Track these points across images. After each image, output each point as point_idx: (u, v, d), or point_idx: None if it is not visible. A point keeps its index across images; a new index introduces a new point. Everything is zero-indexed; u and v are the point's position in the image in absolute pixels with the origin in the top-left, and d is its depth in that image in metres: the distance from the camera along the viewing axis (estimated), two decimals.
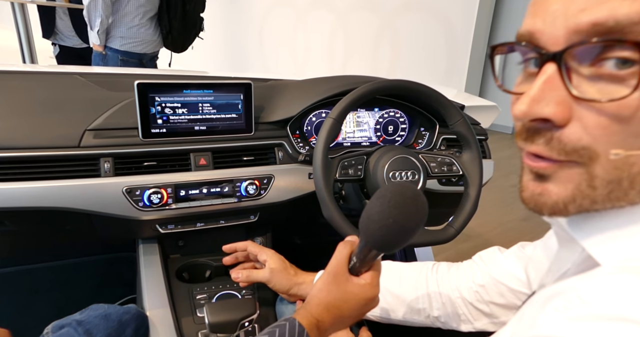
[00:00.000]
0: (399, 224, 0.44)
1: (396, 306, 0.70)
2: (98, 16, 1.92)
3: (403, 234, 0.46)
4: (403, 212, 0.44)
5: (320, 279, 0.53)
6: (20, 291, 1.03)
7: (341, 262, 0.53)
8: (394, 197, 0.44)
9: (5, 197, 0.69)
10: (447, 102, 0.82)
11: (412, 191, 0.45)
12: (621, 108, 0.28)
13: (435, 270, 0.72)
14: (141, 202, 0.77)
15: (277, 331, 0.47)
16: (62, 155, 0.74)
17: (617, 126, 0.29)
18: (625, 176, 0.30)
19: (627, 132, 0.29)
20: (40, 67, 1.04)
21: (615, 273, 0.30)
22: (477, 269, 0.68)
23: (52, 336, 0.62)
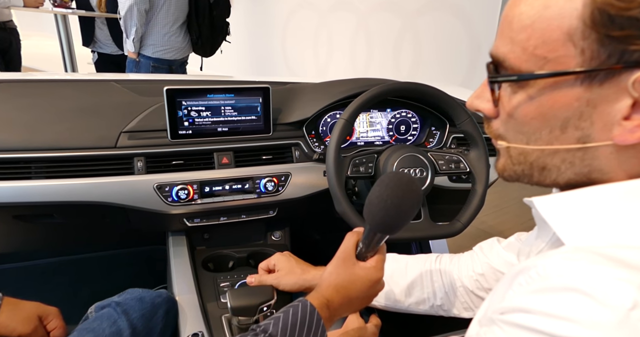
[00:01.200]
0: (396, 205, 0.49)
1: (402, 295, 0.74)
2: (133, 25, 2.04)
3: (400, 214, 0.50)
4: (399, 195, 0.49)
5: (330, 264, 0.59)
6: (66, 279, 1.14)
7: (348, 249, 0.58)
8: (391, 182, 0.50)
9: (54, 192, 0.78)
10: (454, 103, 0.85)
11: (407, 177, 0.51)
12: (504, 111, 0.40)
13: (438, 261, 0.76)
14: (170, 198, 0.85)
15: (290, 310, 0.52)
16: (101, 155, 0.82)
17: (508, 124, 0.41)
18: (529, 161, 0.40)
19: (513, 129, 0.40)
20: (80, 75, 1.14)
21: (571, 251, 0.34)
22: (477, 259, 0.71)
23: (95, 314, 0.70)
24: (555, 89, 0.35)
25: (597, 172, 0.38)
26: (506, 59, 0.37)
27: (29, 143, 0.79)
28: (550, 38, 0.34)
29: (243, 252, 0.96)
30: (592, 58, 0.33)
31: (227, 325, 0.76)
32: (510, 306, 0.34)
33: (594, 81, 0.34)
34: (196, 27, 2.18)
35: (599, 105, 0.34)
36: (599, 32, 0.32)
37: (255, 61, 5.42)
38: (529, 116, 0.38)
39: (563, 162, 0.38)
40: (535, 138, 0.39)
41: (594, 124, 0.35)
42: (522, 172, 0.42)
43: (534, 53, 0.35)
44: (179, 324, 0.74)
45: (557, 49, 0.34)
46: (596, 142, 0.36)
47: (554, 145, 0.38)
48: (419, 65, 3.69)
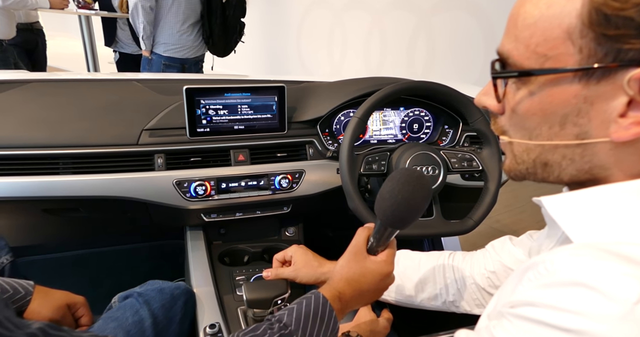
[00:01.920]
0: (407, 199, 0.51)
1: (414, 290, 0.76)
2: (140, 23, 2.09)
3: (411, 209, 0.52)
4: (410, 190, 0.51)
5: (341, 257, 0.60)
6: (90, 270, 1.19)
7: (360, 243, 0.59)
8: (402, 177, 0.51)
9: (80, 187, 0.82)
10: (467, 101, 0.86)
11: (418, 172, 0.52)
12: (509, 107, 0.42)
13: (451, 258, 0.77)
14: (188, 193, 0.88)
15: (304, 302, 0.54)
16: (123, 151, 0.86)
17: (512, 120, 0.42)
18: (532, 157, 0.41)
19: (517, 125, 0.42)
20: (104, 75, 1.18)
21: (577, 247, 0.35)
22: (489, 257, 0.72)
23: (118, 304, 0.73)
24: (554, 85, 0.37)
25: (597, 168, 0.38)
26: (510, 56, 0.39)
27: (57, 140, 0.83)
28: (550, 36, 0.35)
29: (258, 247, 0.98)
30: (590, 56, 0.34)
31: (243, 317, 0.79)
32: (519, 300, 0.35)
33: (591, 79, 0.35)
34: (208, 26, 2.22)
35: (596, 103, 0.36)
36: (596, 31, 0.33)
37: (270, 60, 5.46)
38: (530, 112, 0.39)
39: (564, 158, 0.40)
40: (537, 134, 0.40)
41: (591, 120, 0.36)
42: (526, 171, 0.43)
43: (535, 51, 0.37)
44: (196, 314, 0.77)
45: (557, 47, 0.35)
46: (594, 139, 0.37)
47: (554, 141, 0.39)
48: (433, 63, 3.67)
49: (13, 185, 0.79)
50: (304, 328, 0.51)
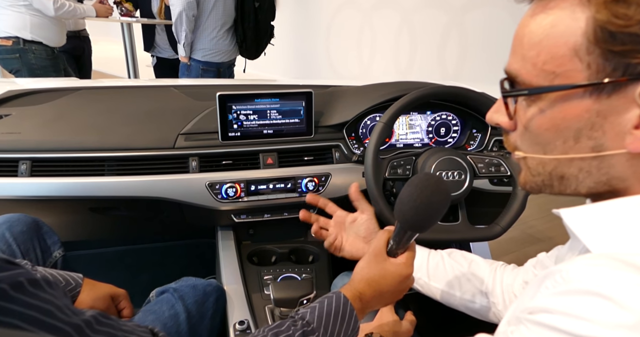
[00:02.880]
0: (425, 204, 0.52)
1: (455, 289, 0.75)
2: (183, 31, 2.19)
3: (429, 213, 0.53)
4: (428, 194, 0.52)
5: (362, 259, 0.62)
6: (130, 265, 1.27)
7: (380, 245, 0.61)
8: (420, 183, 0.52)
9: (122, 188, 0.88)
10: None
11: (436, 178, 0.53)
12: (520, 124, 0.42)
13: (503, 268, 0.75)
14: (220, 195, 0.93)
15: (325, 301, 0.57)
16: (161, 155, 0.92)
17: (524, 136, 0.42)
18: (548, 170, 0.42)
19: (529, 141, 0.42)
20: (145, 82, 1.26)
21: (594, 257, 0.35)
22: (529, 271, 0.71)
23: (156, 299, 0.79)
24: (565, 101, 0.37)
25: (616, 179, 0.39)
26: (519, 74, 0.40)
27: (104, 144, 0.90)
28: (557, 54, 0.36)
29: (285, 248, 1.02)
30: (598, 71, 0.35)
31: (270, 315, 0.82)
32: (536, 307, 0.36)
33: (602, 93, 0.35)
34: (241, 30, 2.28)
35: (609, 116, 0.36)
36: (602, 48, 0.34)
37: (299, 61, 5.51)
38: (543, 128, 0.40)
39: (580, 171, 0.40)
40: (551, 148, 0.40)
41: (605, 133, 0.37)
42: (542, 183, 0.43)
43: (543, 68, 0.37)
44: (227, 311, 0.82)
45: (565, 64, 0.36)
46: (610, 151, 0.37)
47: (569, 155, 0.39)
48: (464, 63, 3.58)
49: (64, 185, 0.86)
50: (325, 326, 0.54)
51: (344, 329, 0.55)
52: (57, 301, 0.38)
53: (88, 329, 0.39)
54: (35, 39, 2.23)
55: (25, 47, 2.22)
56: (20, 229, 0.77)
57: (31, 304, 0.35)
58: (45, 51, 2.27)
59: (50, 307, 0.37)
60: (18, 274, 0.36)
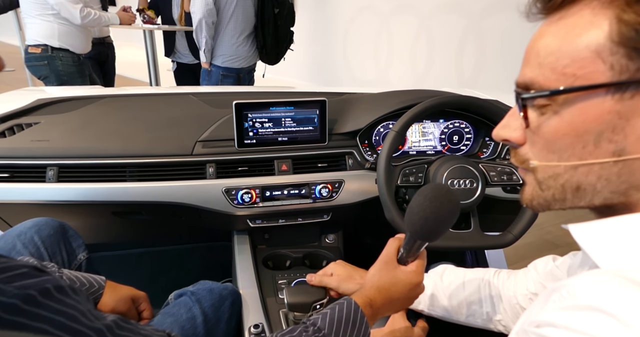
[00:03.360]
0: (434, 215, 0.53)
1: (459, 308, 0.76)
2: (203, 37, 2.24)
3: (439, 224, 0.54)
4: (437, 205, 0.53)
5: (373, 266, 0.63)
6: (150, 267, 1.32)
7: (391, 253, 0.62)
8: (430, 193, 0.54)
9: (143, 193, 0.92)
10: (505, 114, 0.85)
11: (446, 189, 0.54)
12: (532, 134, 0.42)
13: (497, 276, 0.77)
14: (236, 200, 0.95)
15: (337, 307, 0.58)
16: (180, 161, 0.95)
17: (536, 146, 0.42)
18: (560, 182, 0.41)
19: (544, 149, 0.41)
20: (165, 89, 1.30)
21: (600, 274, 0.36)
22: (531, 277, 0.71)
23: (174, 301, 0.82)
24: (586, 103, 0.37)
25: (634, 189, 0.38)
26: (535, 82, 0.39)
27: (126, 151, 0.93)
28: (578, 56, 0.36)
29: (299, 253, 1.04)
30: (622, 72, 0.35)
31: (284, 319, 0.84)
32: (543, 320, 0.37)
33: (625, 94, 0.35)
34: (261, 37, 2.33)
35: (631, 118, 0.36)
36: (627, 47, 0.34)
37: (317, 66, 5.54)
38: (561, 132, 0.39)
39: (599, 179, 0.39)
40: (568, 155, 0.39)
41: (627, 136, 0.36)
42: (552, 197, 0.42)
43: (563, 72, 0.37)
44: (242, 314, 0.84)
45: (587, 66, 0.36)
46: (631, 155, 0.37)
47: (589, 160, 0.38)
48: (482, 68, 3.54)
49: (88, 190, 0.91)
50: (336, 332, 0.55)
51: (354, 335, 0.56)
52: (80, 306, 0.41)
53: (109, 332, 0.42)
54: (63, 47, 2.32)
55: (53, 55, 2.31)
56: (47, 232, 0.81)
57: (58, 309, 0.38)
58: (71, 58, 2.37)
59: (75, 312, 0.39)
60: (45, 280, 0.39)
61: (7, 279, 0.36)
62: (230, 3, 2.19)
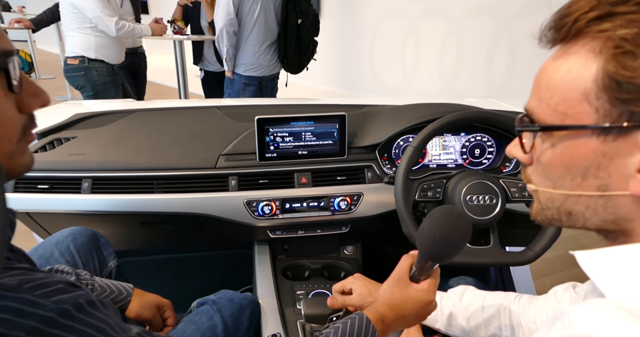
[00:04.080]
0: (444, 238, 0.54)
1: (477, 330, 0.76)
2: (224, 46, 2.30)
3: (448, 247, 0.55)
4: (447, 229, 0.53)
5: (385, 283, 0.64)
6: (174, 273, 1.37)
7: (403, 270, 0.63)
8: (441, 217, 0.54)
9: (169, 204, 0.96)
10: None
11: (457, 212, 0.55)
12: (535, 158, 0.45)
13: (517, 301, 0.76)
14: (256, 212, 0.98)
15: (349, 322, 0.60)
16: (204, 174, 0.99)
17: (537, 170, 0.45)
18: (556, 205, 0.44)
19: (542, 175, 0.44)
20: (190, 102, 1.35)
21: (601, 304, 0.36)
22: (550, 304, 0.70)
23: (196, 309, 0.85)
24: (574, 140, 0.40)
25: (622, 219, 0.40)
26: (535, 112, 0.43)
27: (154, 164, 0.98)
28: (570, 97, 0.39)
29: (318, 264, 1.06)
30: (605, 116, 0.37)
31: (302, 330, 0.86)
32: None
33: (609, 136, 0.38)
34: (283, 46, 2.37)
35: (614, 158, 0.38)
36: (609, 95, 0.37)
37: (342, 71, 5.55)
38: (554, 163, 0.42)
39: (587, 208, 0.41)
40: (560, 184, 0.43)
41: (611, 174, 0.39)
42: (551, 217, 0.45)
43: (556, 109, 0.40)
44: (261, 324, 0.86)
45: (575, 107, 0.39)
46: (615, 192, 0.39)
47: (577, 191, 0.41)
48: (514, 72, 3.45)
49: (119, 201, 0.96)
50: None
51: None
52: (109, 319, 0.44)
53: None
54: (98, 58, 2.44)
55: (89, 65, 2.44)
56: (82, 241, 0.87)
57: (89, 322, 0.42)
58: (106, 68, 2.49)
59: (104, 325, 0.43)
60: (79, 295, 0.42)
61: (46, 294, 0.40)
62: (253, 13, 2.25)
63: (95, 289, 0.77)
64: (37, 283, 0.40)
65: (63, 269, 0.75)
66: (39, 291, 0.40)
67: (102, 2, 2.31)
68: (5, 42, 0.42)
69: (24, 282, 0.40)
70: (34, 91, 0.46)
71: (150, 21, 2.80)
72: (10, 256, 0.46)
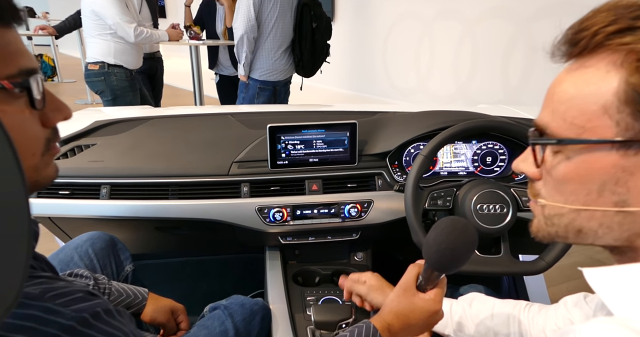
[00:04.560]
0: (449, 249, 0.54)
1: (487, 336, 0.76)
2: (243, 52, 2.34)
3: (454, 258, 0.55)
4: (453, 240, 0.54)
5: (392, 292, 0.65)
6: (189, 276, 1.40)
7: (410, 280, 0.64)
8: (446, 228, 0.55)
9: (184, 210, 0.99)
10: None
11: (462, 223, 0.55)
12: (546, 172, 0.44)
13: (527, 310, 0.75)
14: (268, 218, 1.00)
15: (356, 330, 0.61)
16: (217, 181, 1.01)
17: (548, 184, 0.44)
18: (564, 223, 0.43)
19: (553, 189, 0.43)
20: (204, 109, 1.38)
21: (607, 322, 0.36)
22: (560, 314, 0.70)
23: (209, 314, 0.87)
24: (591, 154, 0.39)
25: (636, 236, 0.39)
26: (548, 127, 0.42)
27: (170, 171, 1.01)
28: (588, 110, 0.38)
29: (328, 270, 1.07)
30: (627, 129, 0.37)
31: (311, 336, 0.87)
32: None
33: (629, 150, 0.37)
34: (298, 50, 2.39)
35: (635, 173, 0.37)
36: (632, 108, 0.36)
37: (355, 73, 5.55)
38: (567, 177, 0.41)
39: (600, 226, 0.40)
40: (573, 199, 0.41)
41: (630, 190, 0.38)
42: (555, 234, 0.44)
43: (572, 122, 0.39)
44: (271, 329, 0.88)
45: (594, 120, 0.38)
46: (634, 208, 0.38)
47: (591, 207, 0.40)
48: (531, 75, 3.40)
49: (136, 207, 0.99)
50: None
51: None
52: (124, 327, 0.46)
53: None
54: (117, 63, 2.51)
55: (109, 71, 2.51)
56: (100, 245, 0.90)
57: (106, 330, 0.44)
58: (124, 73, 2.55)
59: (120, 333, 0.45)
60: (97, 304, 0.45)
61: (66, 303, 0.42)
62: (270, 18, 2.28)
63: (112, 293, 0.80)
64: (58, 292, 0.43)
65: (82, 273, 0.78)
66: (59, 300, 0.42)
67: (121, 9, 2.38)
68: (27, 61, 0.42)
69: (46, 291, 0.42)
70: (57, 106, 0.48)
71: (167, 26, 2.86)
72: (34, 264, 0.49)
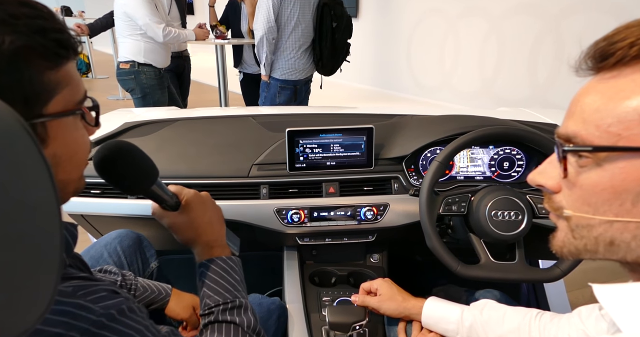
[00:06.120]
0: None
1: None
2: (264, 53, 2.38)
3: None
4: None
5: None
6: None
7: None
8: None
9: None
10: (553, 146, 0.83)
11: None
12: (570, 183, 0.42)
13: (539, 318, 0.75)
14: (286, 220, 1.03)
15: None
16: (238, 183, 1.05)
17: (573, 196, 0.42)
18: (594, 235, 0.41)
19: (580, 201, 0.41)
20: (227, 111, 1.42)
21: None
22: (574, 324, 0.69)
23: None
24: (628, 163, 0.38)
25: None
26: (578, 136, 0.40)
27: (193, 172, 1.06)
28: (625, 118, 0.37)
29: (344, 271, 1.09)
30: None
31: (326, 336, 0.90)
32: None
33: None
34: (319, 50, 2.41)
35: None
36: None
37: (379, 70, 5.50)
38: (599, 187, 0.39)
39: (634, 238, 0.39)
40: (604, 210, 0.40)
41: None
42: (584, 248, 0.42)
43: (608, 130, 0.38)
44: (288, 329, 0.91)
45: (632, 128, 0.37)
46: None
47: (625, 218, 0.39)
48: (559, 72, 3.28)
49: None
50: None
51: None
52: (145, 322, 0.50)
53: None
54: (147, 62, 2.61)
55: (139, 70, 2.61)
56: (128, 243, 0.96)
57: (130, 325, 0.48)
58: (154, 72, 2.65)
59: (142, 327, 0.49)
60: (121, 302, 0.49)
61: (95, 301, 0.46)
62: (291, 20, 2.30)
63: (138, 289, 0.85)
64: (88, 290, 0.47)
65: (111, 270, 0.83)
66: (89, 297, 0.46)
67: (151, 11, 2.46)
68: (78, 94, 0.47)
69: (78, 289, 0.47)
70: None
71: (195, 24, 2.94)
72: (70, 262, 0.54)
